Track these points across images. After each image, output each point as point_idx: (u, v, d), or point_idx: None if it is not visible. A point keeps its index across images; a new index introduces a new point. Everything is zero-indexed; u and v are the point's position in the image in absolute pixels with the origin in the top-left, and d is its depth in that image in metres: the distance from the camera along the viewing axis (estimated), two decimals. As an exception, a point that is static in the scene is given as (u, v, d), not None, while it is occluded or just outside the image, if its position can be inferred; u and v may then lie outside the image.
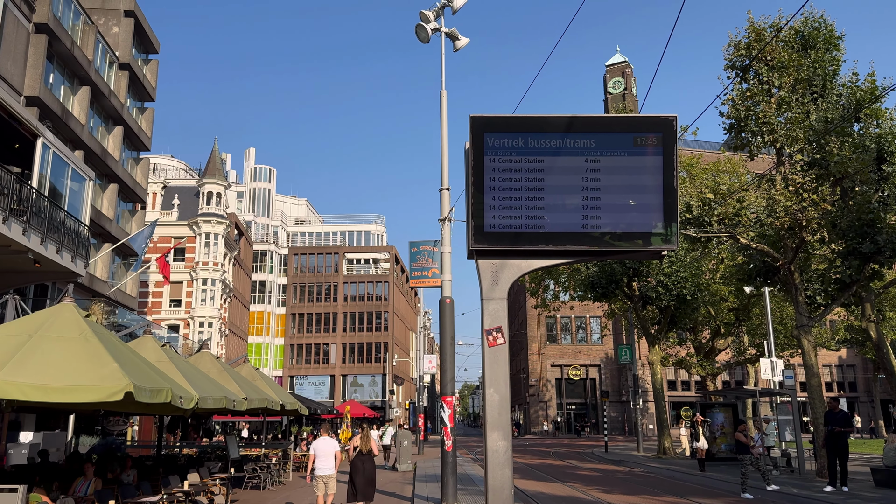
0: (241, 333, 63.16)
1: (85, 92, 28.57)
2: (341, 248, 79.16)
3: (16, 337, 8.96)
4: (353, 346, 74.74)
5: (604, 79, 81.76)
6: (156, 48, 36.83)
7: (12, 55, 22.48)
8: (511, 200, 8.98)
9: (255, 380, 20.23)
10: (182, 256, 52.54)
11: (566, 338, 73.48)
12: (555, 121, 9.20)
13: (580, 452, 36.88)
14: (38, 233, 16.25)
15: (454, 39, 15.64)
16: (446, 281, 14.80)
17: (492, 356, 8.96)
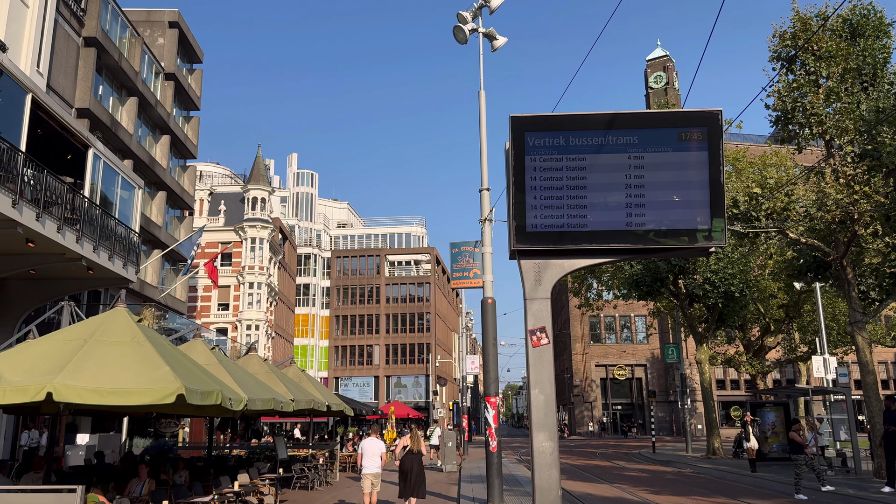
0: (287, 336, 64.11)
1: (133, 102, 29.38)
2: (383, 251, 79.73)
3: (72, 342, 9.25)
4: (396, 347, 75.18)
5: (645, 74, 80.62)
6: (199, 58, 37.66)
7: (63, 69, 23.26)
8: (553, 199, 8.92)
9: (302, 381, 20.51)
10: (229, 261, 53.61)
11: (610, 337, 72.64)
12: (596, 118, 9.11)
13: (627, 453, 36.41)
14: (91, 240, 16.76)
15: (492, 39, 15.61)
16: (488, 281, 14.78)
17: (536, 357, 8.92)
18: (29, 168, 14.32)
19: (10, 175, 13.50)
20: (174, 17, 34.24)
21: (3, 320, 17.99)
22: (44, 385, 8.02)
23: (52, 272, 17.37)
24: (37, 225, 14.31)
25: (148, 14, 34.10)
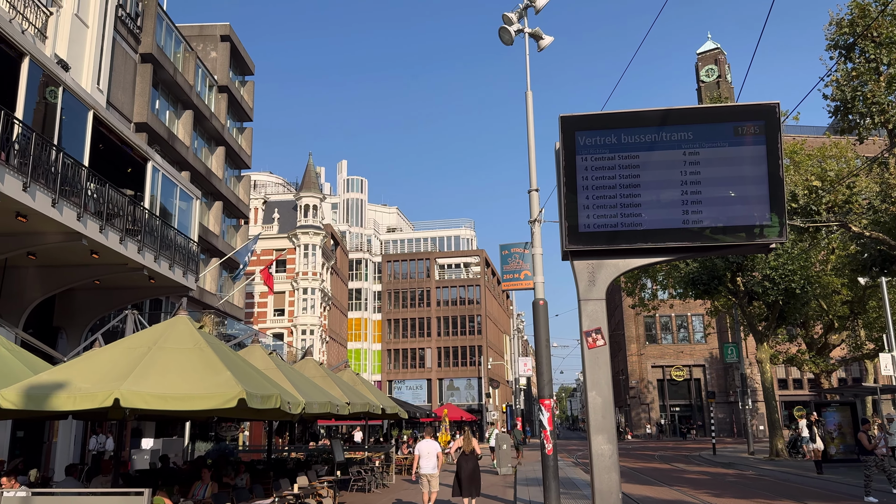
0: (341, 340, 64.93)
1: (188, 115, 30.24)
2: (432, 254, 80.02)
3: (136, 349, 9.55)
4: (448, 349, 75.30)
5: (696, 67, 78.93)
6: (251, 70, 38.52)
7: (122, 85, 24.11)
8: (605, 199, 8.81)
9: (357, 384, 20.74)
10: (283, 268, 54.64)
11: (667, 337, 71.23)
12: (649, 115, 8.96)
13: (686, 455, 35.63)
14: (152, 250, 17.31)
15: (538, 39, 15.52)
16: (539, 283, 14.67)
17: (592, 358, 8.81)
18: (92, 182, 14.88)
19: (74, 189, 14.06)
20: (226, 31, 35.11)
21: (71, 330, 18.74)
22: (111, 392, 8.29)
23: (116, 282, 18.01)
24: (100, 237, 14.85)
25: (200, 29, 35.05)
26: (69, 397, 8.41)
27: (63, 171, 13.58)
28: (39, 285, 16.34)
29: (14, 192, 12.03)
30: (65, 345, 18.32)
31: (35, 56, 13.28)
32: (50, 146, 13.32)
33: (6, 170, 11.83)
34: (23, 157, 12.39)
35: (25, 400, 8.37)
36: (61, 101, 14.21)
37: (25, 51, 12.98)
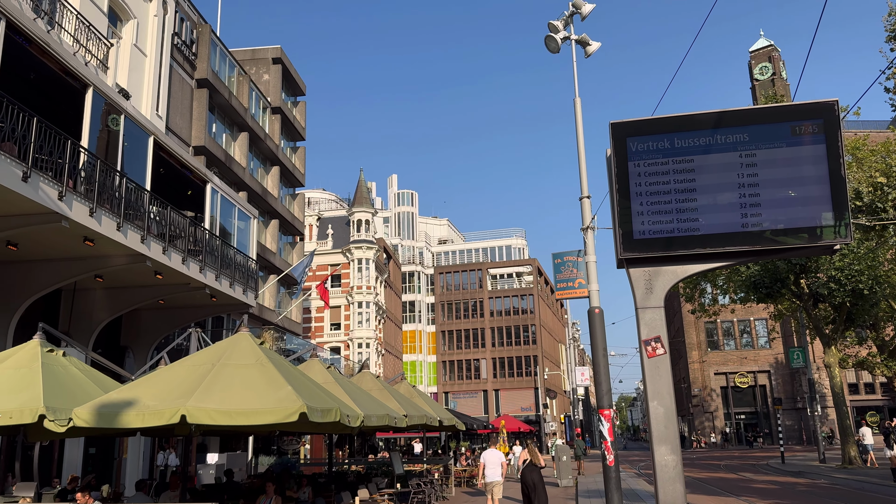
0: (396, 352, 65.34)
1: (244, 137, 31.07)
2: (484, 264, 79.91)
3: (201, 366, 9.81)
4: (503, 360, 74.92)
5: (749, 66, 77.02)
6: (302, 90, 39.37)
7: (180, 111, 24.95)
8: (660, 205, 8.66)
9: (413, 397, 20.82)
10: (338, 282, 55.42)
11: (729, 343, 69.27)
12: (702, 118, 8.79)
13: (754, 464, 34.50)
14: (213, 270, 17.80)
15: (585, 45, 15.41)
16: (593, 291, 14.48)
17: (652, 367, 8.65)
18: (154, 205, 15.42)
19: (138, 213, 14.59)
20: (277, 54, 36.01)
21: (138, 348, 19.39)
22: (178, 408, 8.53)
23: (179, 301, 18.58)
24: (163, 258, 15.36)
25: (253, 52, 36.04)
26: (138, 414, 8.69)
27: (127, 195, 14.12)
28: (107, 306, 16.98)
29: (82, 218, 12.56)
30: (132, 363, 18.97)
31: (98, 86, 13.88)
32: (114, 172, 13.87)
33: (74, 196, 12.37)
34: (89, 183, 12.93)
35: (97, 418, 8.68)
36: (123, 129, 14.79)
37: (89, 82, 13.57)
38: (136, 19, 21.17)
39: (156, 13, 22.27)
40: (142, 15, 21.59)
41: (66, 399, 9.59)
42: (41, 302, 15.40)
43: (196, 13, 26.99)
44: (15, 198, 11.04)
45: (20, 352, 10.36)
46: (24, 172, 10.99)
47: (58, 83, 13.43)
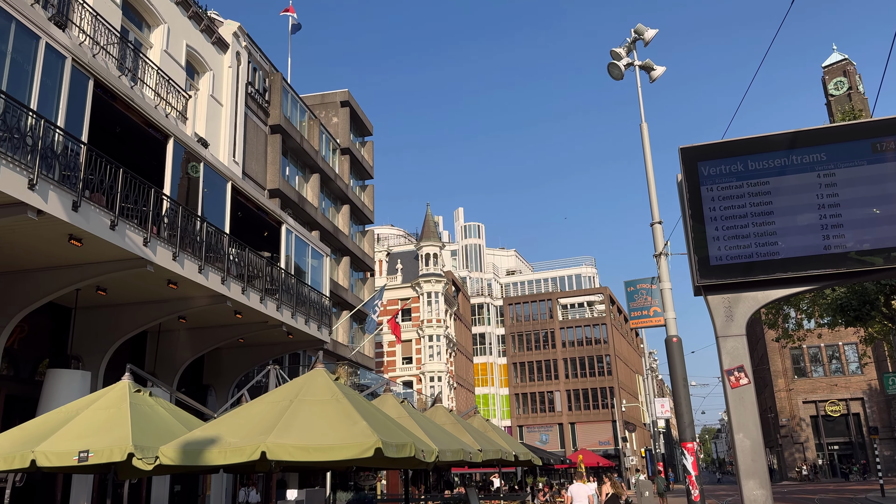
0: (468, 385, 65.02)
1: (315, 179, 32.04)
2: (554, 294, 79.00)
3: (279, 403, 10.02)
4: (578, 392, 73.41)
5: (822, 81, 74.44)
6: (370, 130, 40.41)
7: (255, 156, 25.97)
8: (737, 229, 8.41)
9: (487, 431, 20.59)
10: (409, 316, 55.88)
11: (817, 370, 65.85)
12: (775, 139, 8.54)
13: (850, 498, 32.42)
14: (289, 307, 18.28)
15: (649, 70, 15.28)
16: (670, 319, 14.09)
17: (736, 398, 8.32)
18: (233, 247, 16.01)
19: (217, 255, 15.18)
20: (345, 97, 37.16)
21: (219, 386, 19.99)
22: (258, 445, 8.72)
23: (258, 339, 19.11)
24: (242, 298, 15.88)
25: (322, 97, 37.33)
26: (220, 452, 8.92)
27: (207, 239, 14.73)
28: (190, 346, 17.63)
29: (165, 262, 13.16)
30: (214, 401, 19.56)
31: (178, 136, 14.62)
32: (194, 217, 14.51)
33: (158, 242, 12.99)
34: (171, 229, 13.57)
35: (182, 456, 8.96)
36: (203, 175, 15.50)
37: (170, 133, 14.33)
38: (212, 71, 22.28)
39: (230, 64, 23.39)
40: (217, 67, 22.72)
41: (153, 437, 9.94)
42: (128, 343, 16.12)
43: (268, 62, 28.19)
44: (104, 245, 11.68)
45: (110, 392, 10.83)
46: (111, 221, 11.63)
47: (141, 135, 14.23)
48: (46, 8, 14.22)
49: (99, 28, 15.96)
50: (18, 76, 10.40)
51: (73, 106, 11.43)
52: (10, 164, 9.61)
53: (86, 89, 11.84)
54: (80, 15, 15.39)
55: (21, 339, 13.85)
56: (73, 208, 10.75)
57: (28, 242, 11.39)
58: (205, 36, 21.99)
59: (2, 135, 9.52)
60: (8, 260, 12.02)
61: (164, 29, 19.55)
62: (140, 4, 18.85)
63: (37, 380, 13.93)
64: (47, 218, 10.36)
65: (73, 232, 11.06)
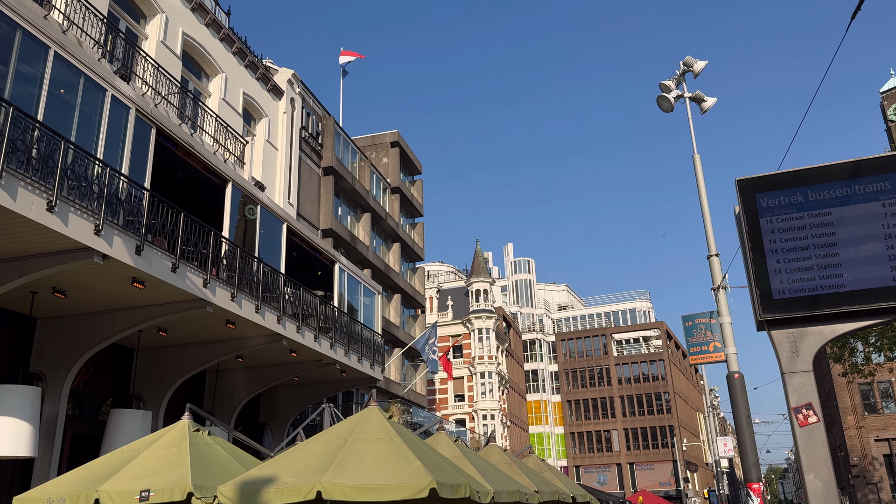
0: (522, 424, 64.00)
1: (367, 218, 32.55)
2: (608, 329, 77.62)
3: (334, 442, 10.05)
4: (636, 430, 71.42)
5: (881, 107, 72.23)
6: (419, 169, 40.98)
7: (309, 197, 26.56)
8: (799, 261, 8.16)
9: (543, 471, 20.15)
10: (460, 353, 55.64)
11: (889, 406, 62.61)
12: (835, 168, 8.31)
13: (935, 546, 30.39)
14: (342, 345, 18.44)
15: (700, 102, 15.13)
16: (731, 354, 13.66)
17: (805, 437, 7.96)
18: (288, 287, 16.31)
19: (274, 295, 15.47)
20: (395, 138, 37.88)
21: (275, 425, 20.18)
22: (314, 485, 8.73)
23: (312, 377, 19.29)
24: (297, 336, 16.10)
25: (373, 139, 38.14)
26: (277, 491, 8.97)
27: (263, 279, 15.05)
28: (247, 385, 17.90)
29: (224, 303, 13.47)
30: (270, 440, 19.73)
31: (236, 181, 15.09)
32: (252, 258, 14.87)
33: (217, 283, 13.33)
34: (230, 270, 13.92)
35: (240, 495, 9.04)
36: (259, 217, 15.91)
37: (228, 177, 14.80)
38: (268, 117, 23.02)
39: (285, 110, 24.14)
40: (272, 113, 23.47)
41: (211, 477, 10.07)
42: (188, 383, 16.48)
43: (321, 107, 29.00)
44: (166, 287, 12.05)
45: (170, 432, 11.04)
46: (173, 263, 12.00)
47: (201, 180, 14.74)
48: (112, 62, 14.99)
49: (161, 79, 16.72)
50: (86, 127, 10.94)
51: (136, 153, 11.94)
52: (77, 211, 10.05)
53: (149, 137, 12.36)
54: (144, 67, 16.16)
55: (86, 379, 14.30)
56: (137, 252, 11.14)
57: (93, 286, 11.83)
58: (261, 84, 22.79)
59: (70, 183, 9.99)
60: (75, 303, 12.50)
61: (221, 78, 20.35)
62: (199, 56, 19.69)
63: (100, 420, 14.32)
64: (112, 262, 10.76)
65: (136, 275, 11.45)
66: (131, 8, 17.26)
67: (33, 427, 11.01)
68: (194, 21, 19.41)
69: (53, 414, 12.41)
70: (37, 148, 9.48)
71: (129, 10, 17.16)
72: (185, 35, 18.83)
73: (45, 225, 9.47)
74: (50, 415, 12.36)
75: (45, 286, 11.56)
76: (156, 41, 17.44)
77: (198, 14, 19.59)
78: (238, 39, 21.35)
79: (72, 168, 10.06)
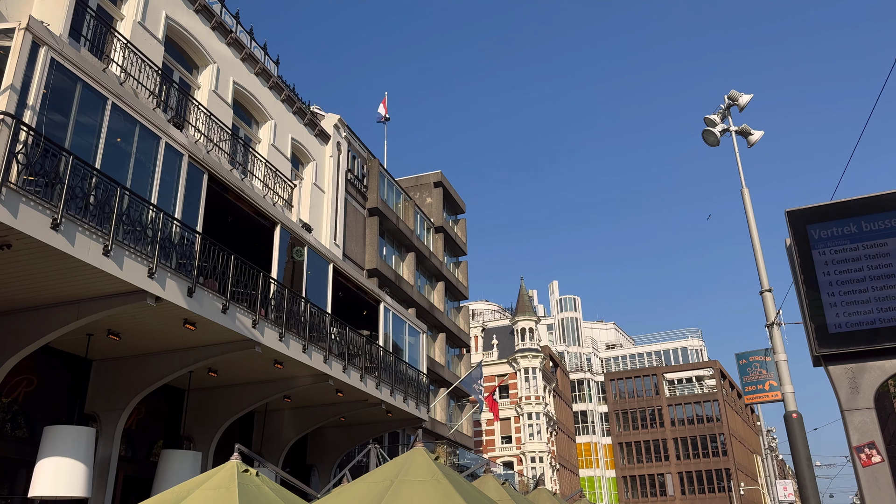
0: (571, 467, 62.48)
1: (411, 257, 32.78)
2: (659, 369, 75.77)
3: (380, 483, 9.95)
4: (691, 474, 69.00)
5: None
6: (462, 209, 41.24)
7: (354, 237, 26.94)
8: (855, 294, 7.90)
9: (594, 516, 19.62)
10: (506, 393, 54.93)
11: (962, 449, 59.29)
12: (889, 198, 8.07)
13: None
14: (388, 385, 18.41)
15: (746, 135, 14.93)
16: (788, 393, 13.16)
17: (870, 478, 7.58)
18: (335, 327, 16.44)
19: (320, 334, 15.62)
20: (438, 178, 38.29)
21: (322, 466, 20.15)
22: (361, 526, 8.66)
23: (358, 418, 19.27)
24: (343, 376, 16.16)
25: (416, 179, 38.63)
26: (324, 532, 8.92)
27: (311, 319, 15.22)
28: (294, 425, 17.98)
29: (273, 343, 13.65)
30: (317, 481, 19.69)
31: (284, 223, 15.42)
32: (299, 299, 15.08)
33: (265, 323, 13.53)
34: (278, 310, 14.13)
35: (288, 535, 9.01)
36: (307, 259, 16.17)
37: (277, 220, 15.13)
38: (315, 161, 23.57)
39: (331, 154, 24.70)
40: (319, 157, 24.03)
41: (259, 517, 10.07)
42: (237, 423, 16.63)
43: (365, 150, 29.58)
44: (216, 328, 12.28)
45: (219, 472, 11.10)
46: (223, 305, 12.25)
47: (250, 222, 15.10)
48: (166, 111, 15.62)
49: (212, 126, 17.33)
50: (141, 173, 11.37)
51: (189, 198, 12.33)
52: (132, 255, 10.39)
53: (201, 183, 12.77)
54: (196, 115, 16.79)
55: (138, 420, 14.58)
56: (189, 294, 11.42)
57: (147, 327, 12.14)
58: (308, 129, 23.41)
59: (125, 228, 10.35)
60: (129, 345, 12.83)
61: (271, 124, 20.99)
62: (249, 103, 20.38)
63: (152, 460, 14.53)
64: (165, 304, 11.04)
65: (188, 316, 11.71)
66: (184, 59, 18.04)
67: (87, 468, 11.23)
68: (244, 70, 20.15)
69: (107, 455, 12.64)
70: (94, 194, 9.88)
71: (182, 62, 17.92)
72: (236, 84, 19.54)
73: (101, 268, 9.79)
74: (103, 456, 12.59)
75: (100, 328, 11.91)
76: (208, 90, 18.13)
77: (248, 64, 20.33)
78: (286, 87, 22.04)
79: (127, 213, 10.43)
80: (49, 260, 9.55)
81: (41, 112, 9.54)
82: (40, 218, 8.97)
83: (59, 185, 9.26)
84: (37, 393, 12.47)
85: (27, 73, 9.38)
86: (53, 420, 12.21)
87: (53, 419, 12.29)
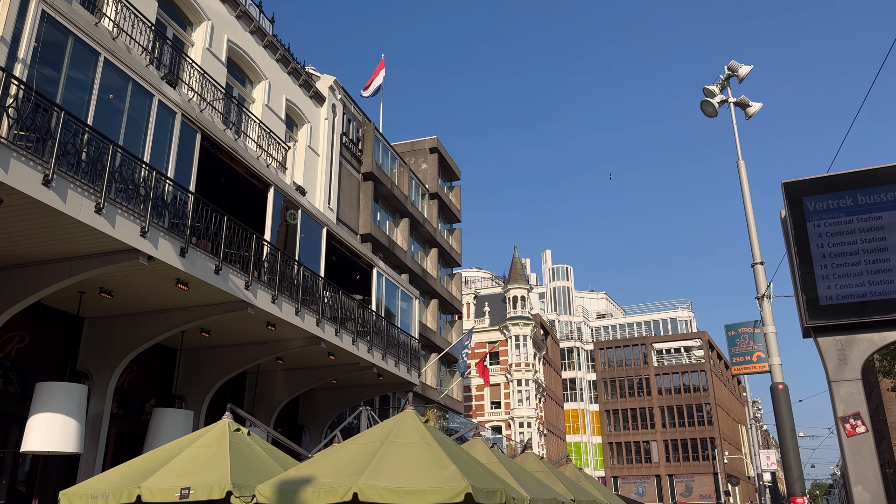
0: (559, 433, 63.40)
1: (405, 223, 32.70)
2: (648, 339, 76.47)
3: (370, 444, 10.08)
4: (676, 442, 70.12)
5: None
6: (457, 175, 41.04)
7: (348, 202, 26.81)
8: (847, 267, 7.94)
9: (580, 480, 19.90)
10: (497, 360, 55.42)
11: (942, 422, 60.35)
12: (886, 171, 8.07)
13: None
14: (380, 349, 18.53)
15: (745, 107, 14.83)
16: (775, 365, 13.31)
17: (853, 448, 7.72)
18: (327, 290, 16.47)
19: (313, 298, 15.64)
20: (433, 144, 38.01)
21: (313, 427, 20.36)
22: (350, 486, 8.76)
23: (349, 381, 19.43)
24: (336, 339, 16.23)
25: (412, 144, 38.35)
26: (314, 492, 9.03)
27: (303, 282, 15.23)
28: (286, 387, 18.11)
29: (265, 305, 13.67)
30: (308, 441, 19.91)
31: (278, 185, 15.31)
32: (292, 261, 15.06)
33: (258, 285, 13.53)
34: (271, 273, 14.11)
35: (277, 495, 9.13)
36: (300, 222, 16.11)
37: (270, 182, 15.02)
38: (310, 123, 23.33)
39: (326, 117, 24.44)
40: (314, 119, 23.78)
41: (250, 476, 10.19)
42: (229, 384, 16.73)
43: (361, 113, 29.28)
44: (208, 289, 12.27)
45: (211, 431, 11.21)
46: (216, 266, 12.22)
47: (244, 184, 14.99)
48: (159, 68, 15.38)
49: (206, 85, 17.09)
50: (134, 131, 11.23)
51: (182, 157, 12.21)
52: (124, 213, 10.32)
53: (194, 142, 12.63)
54: (190, 73, 16.54)
55: (130, 379, 14.64)
56: (181, 254, 11.38)
57: (139, 286, 12.11)
58: (303, 90, 23.12)
59: (118, 186, 10.25)
60: (121, 304, 12.82)
61: (265, 84, 20.71)
62: (243, 62, 20.07)
63: (143, 418, 14.63)
64: (157, 263, 11.01)
65: (181, 276, 11.68)
66: (178, 16, 17.70)
67: (80, 424, 11.30)
68: (239, 28, 19.81)
69: (99, 412, 12.72)
70: (86, 151, 9.76)
71: (177, 18, 17.59)
72: (230, 42, 19.22)
73: (93, 226, 9.73)
74: (96, 412, 12.67)
75: (92, 286, 11.88)
76: (202, 48, 17.84)
77: (242, 22, 19.98)
78: (281, 46, 21.70)
79: (119, 171, 10.33)
80: (41, 217, 9.47)
81: (32, 66, 9.37)
82: (32, 174, 8.87)
83: (50, 141, 9.14)
84: (29, 349, 12.48)
85: (17, 25, 9.19)
86: (45, 377, 12.24)
87: (45, 376, 12.32)
